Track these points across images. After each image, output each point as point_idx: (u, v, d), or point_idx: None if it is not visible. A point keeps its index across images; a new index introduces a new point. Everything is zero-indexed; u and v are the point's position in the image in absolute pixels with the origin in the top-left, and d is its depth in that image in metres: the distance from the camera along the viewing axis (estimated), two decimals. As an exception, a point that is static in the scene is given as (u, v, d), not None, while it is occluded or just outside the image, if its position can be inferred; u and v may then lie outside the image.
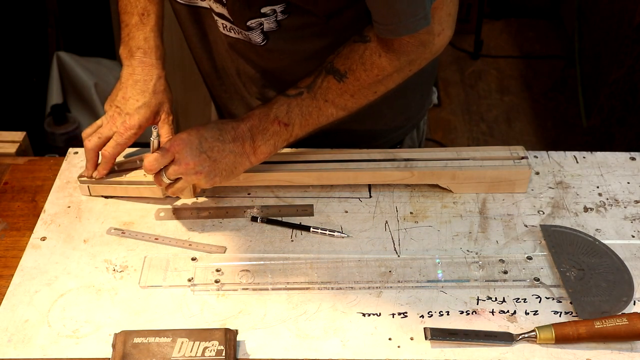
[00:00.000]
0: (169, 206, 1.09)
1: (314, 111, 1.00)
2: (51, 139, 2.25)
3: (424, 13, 0.91)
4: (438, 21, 0.96)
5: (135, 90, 1.07)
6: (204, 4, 1.04)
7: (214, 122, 1.02)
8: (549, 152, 1.21)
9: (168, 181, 1.00)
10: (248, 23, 0.99)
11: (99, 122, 1.08)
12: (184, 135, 0.98)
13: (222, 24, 1.04)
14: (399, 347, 0.89)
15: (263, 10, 0.97)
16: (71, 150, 1.20)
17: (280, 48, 1.04)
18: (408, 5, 0.90)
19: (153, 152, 0.97)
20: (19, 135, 1.23)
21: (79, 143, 1.09)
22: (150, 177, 1.04)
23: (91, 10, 2.38)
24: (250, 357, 0.88)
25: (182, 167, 0.97)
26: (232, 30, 1.04)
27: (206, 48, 1.14)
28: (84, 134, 1.08)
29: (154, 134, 0.98)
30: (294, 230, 1.05)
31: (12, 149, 1.21)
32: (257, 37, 1.02)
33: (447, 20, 0.98)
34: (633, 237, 1.05)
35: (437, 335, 0.89)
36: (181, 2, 1.07)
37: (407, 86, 1.16)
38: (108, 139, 1.06)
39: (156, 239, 1.04)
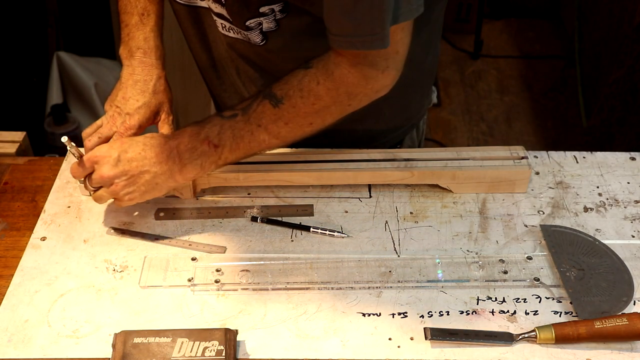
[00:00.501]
0: (169, 206, 1.09)
1: (246, 135, 0.97)
2: (51, 139, 2.25)
3: (382, 34, 0.87)
4: (384, 57, 0.92)
5: (135, 90, 1.07)
6: (203, 4, 1.04)
7: (143, 136, 1.01)
8: (549, 152, 1.21)
9: (91, 188, 1.00)
10: (247, 23, 0.99)
11: (99, 122, 1.08)
12: (106, 147, 0.99)
13: (221, 24, 1.04)
14: (399, 347, 0.89)
15: (261, 9, 0.97)
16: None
17: (280, 48, 1.04)
18: (368, 21, 0.86)
19: (76, 160, 0.99)
20: (19, 135, 1.23)
21: (79, 143, 1.09)
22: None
23: (91, 10, 2.38)
24: (250, 357, 0.88)
25: (97, 178, 0.98)
26: (231, 30, 1.04)
27: (206, 47, 1.14)
28: (84, 133, 1.08)
29: (68, 144, 0.98)
30: (294, 230, 1.05)
31: (12, 149, 1.21)
32: (256, 37, 1.02)
33: (393, 58, 0.93)
34: (633, 237, 1.05)
35: (437, 335, 0.89)
36: (180, 2, 1.07)
37: (406, 85, 1.16)
38: (108, 139, 1.06)
39: (156, 239, 1.04)
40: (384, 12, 0.85)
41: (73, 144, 1.00)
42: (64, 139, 0.99)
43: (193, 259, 1.01)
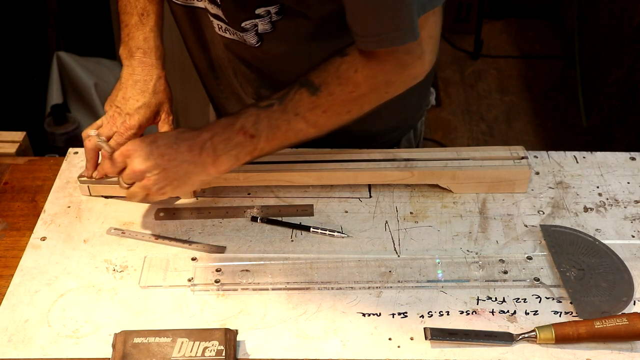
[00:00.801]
0: (169, 206, 1.09)
1: (283, 124, 0.95)
2: (51, 139, 2.25)
3: (411, 27, 0.86)
4: (419, 43, 0.91)
5: (135, 90, 1.07)
6: (200, 5, 1.04)
7: (175, 130, 1.00)
8: (549, 152, 1.21)
9: (125, 185, 0.98)
10: (242, 24, 0.99)
11: (99, 122, 1.08)
12: (137, 141, 0.97)
13: (218, 24, 1.04)
14: (399, 347, 0.89)
15: (257, 11, 0.97)
16: (71, 150, 1.20)
17: (275, 49, 1.03)
18: (392, 17, 0.86)
19: (106, 156, 0.98)
20: (19, 135, 1.23)
21: (79, 143, 1.09)
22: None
23: (91, 10, 2.38)
24: (250, 357, 0.88)
25: (130, 173, 0.96)
26: (227, 31, 1.04)
27: (203, 48, 1.14)
28: (84, 133, 1.08)
29: (98, 138, 0.98)
30: (294, 230, 1.05)
31: (12, 149, 1.21)
32: (251, 39, 1.02)
33: (428, 43, 0.92)
34: (633, 237, 1.05)
35: (437, 335, 0.89)
36: (178, 2, 1.07)
37: None
38: (108, 139, 1.06)
39: (156, 239, 1.04)
40: (409, 5, 0.85)
41: (104, 138, 0.99)
42: (93, 132, 0.98)
43: (193, 259, 1.01)
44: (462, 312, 0.93)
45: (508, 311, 0.94)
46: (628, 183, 1.15)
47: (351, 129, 1.16)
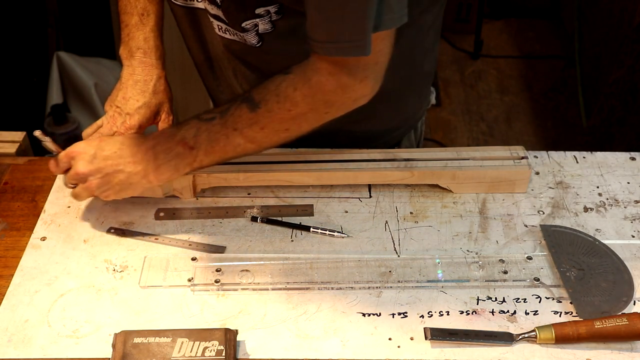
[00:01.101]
0: (169, 206, 1.09)
1: (222, 138, 0.96)
2: (51, 139, 2.25)
3: (363, 41, 0.85)
4: (363, 66, 0.90)
5: (135, 90, 1.07)
6: (200, 5, 1.04)
7: (122, 135, 1.02)
8: (549, 152, 1.21)
9: (70, 185, 1.01)
10: (243, 24, 0.99)
11: (99, 122, 1.08)
12: (83, 143, 1.00)
13: (218, 25, 1.04)
14: (399, 347, 0.89)
15: (257, 11, 0.97)
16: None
17: (276, 49, 1.03)
18: (347, 28, 0.84)
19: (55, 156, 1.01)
20: (19, 135, 1.23)
21: (79, 143, 1.09)
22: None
23: (91, 10, 2.38)
24: (250, 357, 0.88)
25: (73, 174, 0.99)
26: (227, 32, 1.04)
27: (203, 48, 1.14)
28: (84, 133, 1.08)
29: (42, 138, 1.01)
30: (294, 230, 1.05)
31: (12, 149, 1.21)
32: (252, 39, 1.02)
33: (372, 69, 0.91)
34: (633, 237, 1.05)
35: (437, 335, 0.89)
36: (177, 3, 1.06)
37: (404, 87, 1.15)
38: None
39: (156, 239, 1.04)
40: (365, 18, 0.83)
41: (48, 138, 1.00)
42: (37, 132, 1.00)
43: (193, 259, 1.00)
44: (462, 312, 0.93)
45: (508, 311, 0.94)
46: (628, 183, 1.15)
47: (351, 129, 1.16)
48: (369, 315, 0.93)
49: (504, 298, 0.96)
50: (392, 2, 0.86)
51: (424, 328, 0.90)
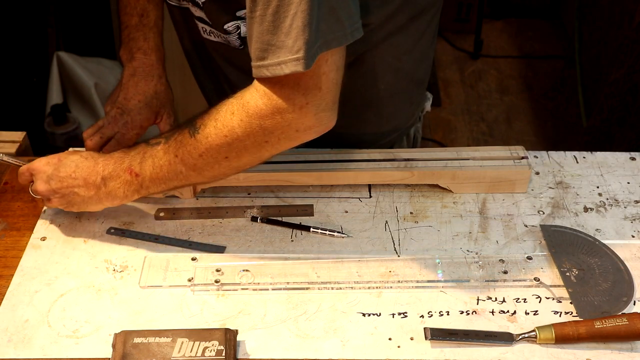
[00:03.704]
0: (169, 206, 1.09)
1: (165, 165, 0.94)
2: (51, 139, 2.25)
3: (301, 55, 0.77)
4: (303, 92, 0.83)
5: (136, 90, 1.07)
6: (188, 6, 1.03)
7: (79, 153, 1.00)
8: (549, 152, 1.21)
9: (37, 197, 1.02)
10: (225, 26, 0.98)
11: (100, 122, 1.08)
12: (43, 161, 1.00)
13: (202, 27, 1.03)
14: (399, 347, 0.89)
15: (238, 13, 0.96)
16: (71, 150, 1.20)
17: None
18: (282, 44, 0.78)
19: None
20: (19, 135, 1.23)
21: (79, 143, 1.09)
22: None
23: (91, 10, 2.38)
24: (250, 357, 0.88)
25: (34, 190, 1.00)
26: (212, 34, 1.03)
27: (198, 50, 1.13)
28: (85, 134, 1.08)
29: (2, 155, 1.04)
30: (294, 230, 1.05)
31: (12, 149, 1.21)
32: (235, 41, 1.00)
33: (315, 95, 0.83)
34: (633, 237, 1.05)
35: (437, 335, 0.89)
36: (172, 3, 1.06)
37: (394, 94, 1.13)
38: (109, 140, 1.06)
39: (156, 239, 1.04)
40: (303, 31, 0.77)
41: (3, 154, 1.03)
42: None
43: (193, 259, 1.00)
44: (462, 312, 0.93)
45: (508, 311, 0.94)
46: (628, 183, 1.15)
47: (339, 131, 1.15)
48: (369, 315, 0.93)
49: (504, 298, 0.96)
50: (342, 15, 0.79)
51: (424, 328, 0.90)
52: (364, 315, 0.93)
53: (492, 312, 0.94)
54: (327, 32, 0.79)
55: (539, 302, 0.95)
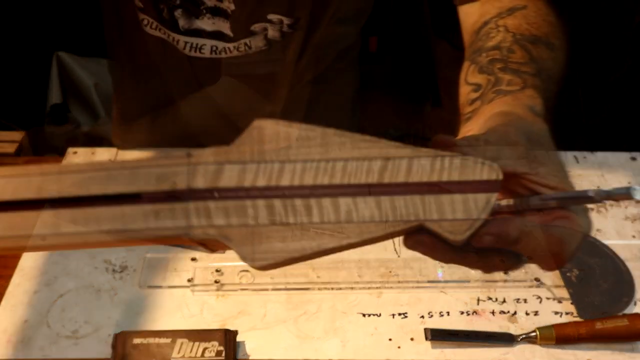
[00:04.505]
0: (169, 206, 1.09)
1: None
2: (51, 139, 2.25)
3: None
4: None
5: None
6: (202, 26, 1.03)
7: None
8: (549, 152, 1.20)
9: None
10: (252, 28, 0.99)
11: None
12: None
13: (212, 46, 1.04)
14: (399, 347, 0.89)
15: (270, 17, 0.98)
16: (70, 150, 1.19)
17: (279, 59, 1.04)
18: None
19: None
20: (19, 135, 1.23)
21: (79, 143, 1.09)
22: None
23: (91, 10, 2.37)
24: (250, 358, 0.88)
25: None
26: (223, 51, 1.04)
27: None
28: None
29: None
30: (294, 231, 1.05)
31: (11, 149, 1.21)
32: (259, 42, 1.01)
33: None
34: (634, 237, 1.05)
35: (438, 335, 0.89)
36: (153, 33, 1.10)
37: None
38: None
39: (156, 239, 1.03)
40: None
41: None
42: None
43: (193, 259, 1.00)
44: (462, 313, 0.93)
45: (508, 311, 0.94)
46: (629, 183, 1.15)
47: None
48: (369, 315, 0.93)
49: (504, 298, 0.95)
50: None
51: (424, 328, 0.90)
52: (364, 315, 0.93)
53: (493, 313, 0.93)
54: None
55: (540, 302, 0.95)
